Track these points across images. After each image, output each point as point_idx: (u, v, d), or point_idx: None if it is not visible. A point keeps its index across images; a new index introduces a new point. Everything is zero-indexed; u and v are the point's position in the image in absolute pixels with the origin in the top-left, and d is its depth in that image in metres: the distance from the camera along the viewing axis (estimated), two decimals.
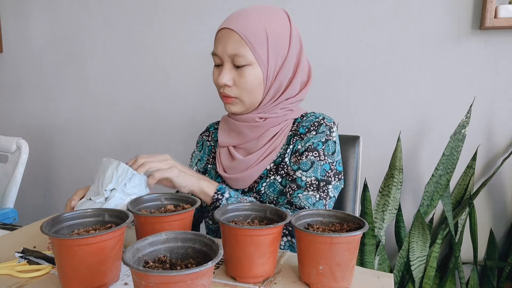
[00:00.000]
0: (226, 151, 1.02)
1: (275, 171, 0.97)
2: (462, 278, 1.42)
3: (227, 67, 0.91)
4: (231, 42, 0.89)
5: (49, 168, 2.10)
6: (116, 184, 0.79)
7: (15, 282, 0.65)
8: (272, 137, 0.97)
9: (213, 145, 1.10)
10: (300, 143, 0.96)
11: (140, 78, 1.87)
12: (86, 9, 1.91)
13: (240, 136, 0.98)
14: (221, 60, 0.92)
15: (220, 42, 0.91)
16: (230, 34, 0.89)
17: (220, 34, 0.92)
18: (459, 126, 1.36)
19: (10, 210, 0.94)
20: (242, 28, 0.89)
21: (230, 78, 0.91)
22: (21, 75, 2.09)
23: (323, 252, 0.62)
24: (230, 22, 0.91)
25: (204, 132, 1.15)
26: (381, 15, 1.51)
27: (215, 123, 1.15)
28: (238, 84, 0.91)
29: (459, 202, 1.47)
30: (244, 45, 0.88)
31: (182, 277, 0.47)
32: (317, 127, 0.95)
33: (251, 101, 0.94)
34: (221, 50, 0.90)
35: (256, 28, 0.89)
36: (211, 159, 1.09)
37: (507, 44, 1.41)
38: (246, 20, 0.90)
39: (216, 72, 0.94)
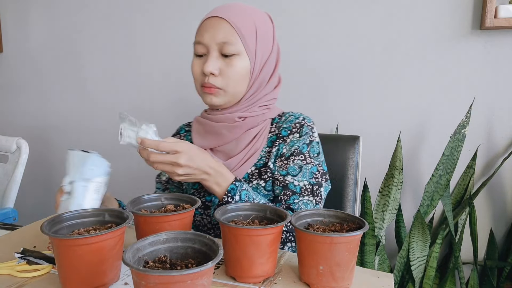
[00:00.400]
0: None
1: (258, 175, 0.94)
2: (462, 278, 1.42)
3: (214, 55, 0.88)
4: (221, 30, 0.87)
5: (49, 168, 2.10)
6: (73, 175, 0.79)
7: (15, 282, 0.65)
8: (252, 139, 0.95)
9: None
10: (285, 146, 0.94)
11: (139, 78, 1.87)
12: (86, 9, 1.91)
13: (218, 137, 0.95)
14: (207, 49, 0.88)
15: (207, 30, 0.88)
16: (220, 22, 0.87)
17: (208, 23, 0.89)
18: (459, 126, 1.36)
19: (10, 210, 0.94)
20: (233, 17, 0.88)
21: (217, 67, 0.88)
22: (20, 75, 2.09)
23: (323, 252, 0.62)
24: (219, 11, 0.89)
25: (175, 135, 1.11)
26: (381, 15, 1.51)
27: (186, 125, 1.11)
28: (224, 74, 0.88)
29: (459, 202, 1.47)
30: (235, 34, 0.87)
31: (182, 277, 0.47)
32: (299, 129, 0.95)
33: (235, 93, 0.91)
34: (208, 38, 0.87)
35: (245, 19, 0.89)
36: None
37: (507, 44, 1.41)
38: (235, 11, 0.89)
39: (198, 62, 0.91)
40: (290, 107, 1.68)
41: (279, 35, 0.94)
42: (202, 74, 0.90)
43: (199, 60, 0.91)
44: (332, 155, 1.14)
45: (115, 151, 1.97)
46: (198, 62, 0.91)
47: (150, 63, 1.84)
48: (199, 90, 0.94)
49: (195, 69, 0.92)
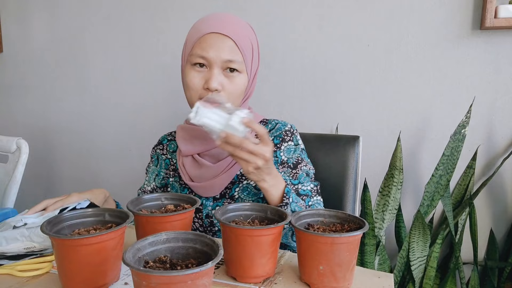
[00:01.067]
0: (190, 160, 0.99)
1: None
2: (463, 278, 1.42)
3: (217, 71, 0.89)
4: (227, 47, 0.88)
5: (49, 168, 2.10)
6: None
7: (15, 281, 0.65)
8: None
9: (170, 157, 1.07)
10: (283, 154, 0.97)
11: (140, 78, 1.87)
12: (87, 9, 1.91)
13: (205, 142, 0.96)
14: (209, 64, 0.89)
15: (212, 46, 0.89)
16: (225, 40, 0.89)
17: (212, 38, 0.89)
18: (459, 126, 1.36)
19: (10, 210, 0.93)
20: (235, 35, 0.89)
21: (220, 82, 0.90)
22: (21, 75, 2.09)
23: (323, 252, 0.62)
24: (221, 27, 0.89)
25: (157, 145, 1.12)
26: (382, 15, 1.51)
27: (168, 135, 1.12)
28: (226, 89, 0.90)
29: (459, 202, 1.47)
30: (239, 53, 0.90)
31: (183, 277, 0.47)
32: (291, 137, 1.00)
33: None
34: (214, 55, 0.88)
35: (245, 37, 0.92)
36: (171, 172, 1.05)
37: (507, 44, 1.41)
38: (235, 27, 0.91)
39: (198, 75, 0.91)
40: (290, 107, 1.68)
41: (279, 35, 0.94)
42: (203, 88, 0.90)
43: (198, 73, 0.91)
44: (332, 155, 1.14)
45: (115, 151, 1.97)
46: (198, 75, 0.91)
47: (152, 63, 1.84)
48: (195, 101, 0.91)
49: (195, 81, 0.91)
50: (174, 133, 1.11)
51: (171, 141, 1.10)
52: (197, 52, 0.90)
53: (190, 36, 0.96)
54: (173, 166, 1.06)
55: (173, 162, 1.06)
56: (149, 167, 1.12)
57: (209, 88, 0.89)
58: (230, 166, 0.95)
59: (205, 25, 0.92)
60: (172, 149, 1.08)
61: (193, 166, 0.98)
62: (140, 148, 1.91)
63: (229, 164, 0.95)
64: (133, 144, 1.92)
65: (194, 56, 0.91)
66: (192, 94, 0.93)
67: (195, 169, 0.97)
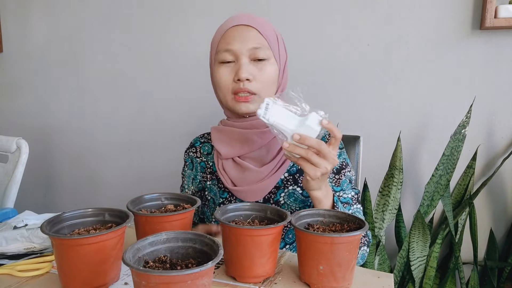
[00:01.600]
0: (231, 163, 0.94)
1: (293, 181, 0.93)
2: (462, 278, 1.42)
3: (246, 61, 0.87)
4: (251, 36, 0.87)
5: (49, 168, 2.10)
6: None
7: (15, 281, 0.65)
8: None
9: (205, 160, 1.03)
10: None
11: (140, 77, 1.87)
12: (86, 9, 1.91)
13: (247, 144, 0.92)
14: (236, 56, 0.88)
15: (236, 38, 0.88)
16: (249, 30, 0.88)
17: (235, 31, 0.89)
18: (459, 126, 1.36)
19: (10, 210, 0.93)
20: (260, 25, 0.89)
21: (251, 72, 0.87)
22: (21, 75, 2.09)
23: (323, 252, 0.62)
24: (245, 20, 0.89)
25: (190, 148, 1.07)
26: (381, 15, 1.51)
27: (200, 137, 1.08)
28: (258, 78, 0.88)
29: (459, 202, 1.47)
30: (264, 40, 0.88)
31: (183, 277, 0.47)
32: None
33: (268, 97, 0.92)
34: (238, 45, 0.87)
35: (269, 28, 0.91)
36: (209, 176, 1.01)
37: (507, 44, 1.41)
38: (259, 20, 0.90)
39: (227, 70, 0.89)
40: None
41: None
42: (234, 81, 0.89)
43: (227, 68, 0.90)
44: None
45: (115, 151, 1.97)
46: (226, 70, 0.90)
47: (151, 63, 1.84)
48: (230, 99, 0.91)
49: (225, 77, 0.90)
50: (207, 135, 1.08)
51: (204, 143, 1.06)
52: (222, 47, 0.89)
53: (214, 37, 0.95)
54: (210, 169, 1.01)
55: (209, 165, 1.02)
56: (184, 172, 1.07)
57: (240, 79, 0.87)
58: (275, 169, 0.91)
59: (227, 22, 0.92)
60: (207, 151, 1.04)
61: (235, 169, 0.94)
62: (140, 148, 1.91)
63: (274, 168, 0.91)
64: (133, 144, 1.92)
65: (220, 53, 0.89)
66: (224, 91, 0.91)
67: (237, 173, 0.93)
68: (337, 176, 0.93)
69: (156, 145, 1.87)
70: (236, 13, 0.95)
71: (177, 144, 1.83)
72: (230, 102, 0.91)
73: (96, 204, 1.97)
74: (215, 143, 0.96)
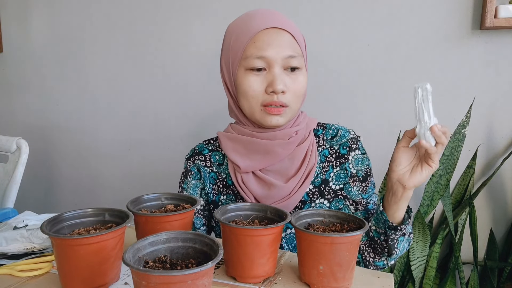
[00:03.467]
0: (252, 178, 0.86)
1: (319, 194, 0.88)
2: (462, 278, 1.42)
3: (279, 71, 0.80)
4: (287, 43, 0.81)
5: (50, 168, 2.10)
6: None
7: (15, 281, 0.65)
8: (305, 155, 0.87)
9: (216, 171, 0.93)
10: (352, 166, 0.90)
11: (140, 77, 1.87)
12: (87, 8, 1.91)
13: (270, 156, 0.84)
14: (269, 64, 0.80)
15: (270, 44, 0.79)
16: (283, 35, 0.81)
17: (268, 35, 0.80)
18: (459, 126, 1.36)
19: (10, 210, 0.93)
20: (293, 29, 0.82)
21: (285, 84, 0.80)
22: (21, 75, 2.09)
23: (323, 252, 0.62)
24: (276, 21, 0.81)
25: (195, 155, 0.95)
26: (382, 15, 1.51)
27: (206, 143, 0.97)
28: (291, 90, 0.81)
29: (459, 202, 1.47)
30: (298, 47, 0.82)
31: (183, 277, 0.47)
32: (357, 145, 0.92)
33: (297, 109, 0.85)
34: (273, 53, 0.79)
35: (299, 30, 0.85)
36: (222, 189, 0.92)
37: (507, 44, 1.41)
38: (290, 21, 0.84)
39: (258, 79, 0.81)
40: None
41: None
42: (267, 93, 0.81)
43: (257, 77, 0.81)
44: None
45: (115, 151, 1.97)
46: (258, 79, 0.81)
47: (152, 63, 1.84)
48: (258, 110, 0.82)
49: (256, 86, 0.81)
50: (214, 142, 0.97)
51: (213, 152, 0.95)
52: (253, 53, 0.80)
53: (239, 38, 0.83)
54: (223, 182, 0.92)
55: (221, 177, 0.93)
56: (185, 183, 0.95)
57: (275, 91, 0.79)
58: (301, 182, 0.85)
59: (255, 22, 0.81)
60: (218, 161, 0.94)
61: (258, 185, 0.86)
62: (140, 147, 1.91)
63: (299, 181, 0.85)
64: (133, 143, 1.92)
65: (250, 59, 0.80)
66: (252, 102, 0.82)
67: (262, 190, 0.85)
68: (363, 184, 0.90)
69: (156, 145, 1.87)
70: (256, 9, 0.87)
71: (177, 144, 1.83)
72: (258, 113, 0.83)
73: (96, 204, 1.97)
74: (229, 154, 0.87)
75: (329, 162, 0.91)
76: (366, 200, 0.90)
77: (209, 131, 1.77)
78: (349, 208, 0.91)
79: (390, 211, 0.81)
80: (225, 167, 0.93)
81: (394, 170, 0.78)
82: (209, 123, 1.77)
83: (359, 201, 0.90)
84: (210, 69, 1.73)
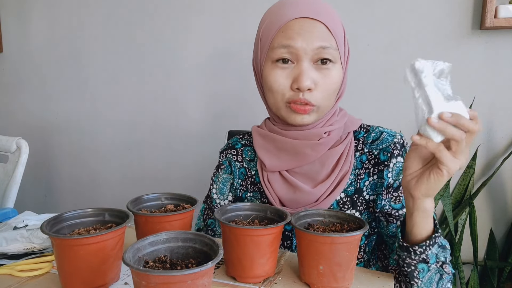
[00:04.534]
0: (279, 179, 0.81)
1: (351, 204, 0.80)
2: (462, 278, 1.42)
3: (308, 65, 0.73)
4: (319, 33, 0.72)
5: (49, 168, 2.10)
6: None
7: (15, 281, 0.65)
8: (338, 160, 0.80)
9: (247, 167, 0.90)
10: (391, 175, 0.79)
11: (140, 77, 1.87)
12: (86, 9, 1.91)
13: (298, 157, 0.79)
14: (296, 56, 0.73)
15: (300, 33, 0.72)
16: (316, 25, 0.72)
17: (299, 24, 0.72)
18: None
19: (10, 210, 0.93)
20: (329, 19, 0.73)
21: (313, 80, 0.73)
22: (21, 75, 2.09)
23: (323, 252, 0.62)
24: (312, 11, 0.73)
25: (228, 149, 0.93)
26: (382, 15, 1.51)
27: (240, 138, 0.94)
28: (320, 87, 0.74)
29: (459, 202, 1.47)
30: (332, 39, 0.73)
31: (183, 277, 0.47)
32: (401, 151, 0.81)
33: (326, 108, 0.77)
34: (303, 42, 0.71)
35: (337, 21, 0.76)
36: (249, 186, 0.89)
37: (507, 44, 1.41)
38: (328, 11, 0.75)
39: (282, 74, 0.74)
40: None
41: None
42: (292, 90, 0.74)
43: (283, 71, 0.74)
44: None
45: (115, 151, 1.97)
46: (283, 73, 0.74)
47: (152, 63, 1.84)
48: (283, 107, 0.77)
49: (280, 81, 0.74)
50: (248, 137, 0.93)
51: (246, 147, 0.91)
52: (280, 42, 0.73)
53: (265, 29, 0.77)
54: (251, 178, 0.89)
55: (251, 174, 0.89)
56: (217, 176, 0.93)
57: (300, 88, 0.72)
58: (330, 189, 0.78)
59: (287, 10, 0.74)
60: (249, 157, 0.90)
61: (284, 187, 0.81)
62: (140, 147, 1.91)
63: (329, 187, 0.78)
64: (133, 143, 1.92)
65: (276, 49, 0.74)
66: (277, 97, 0.76)
67: (287, 192, 0.80)
68: (395, 193, 0.78)
69: (156, 145, 1.87)
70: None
71: (177, 144, 1.83)
72: (284, 110, 0.77)
73: (96, 204, 1.97)
74: (258, 151, 0.83)
75: (366, 169, 0.81)
76: (399, 211, 0.77)
77: (209, 131, 1.77)
78: (380, 220, 0.80)
79: (407, 228, 0.67)
80: (255, 164, 0.89)
81: (404, 175, 0.65)
82: (209, 123, 1.78)
83: (388, 212, 0.78)
84: (210, 69, 1.73)
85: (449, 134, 0.56)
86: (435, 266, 0.66)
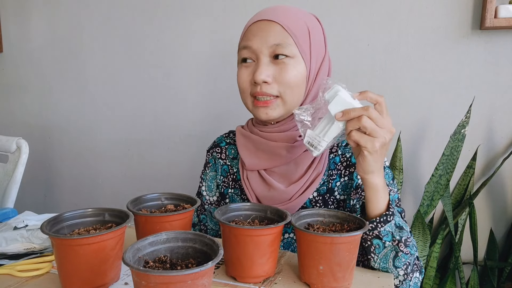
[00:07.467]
0: (257, 176, 0.86)
1: (322, 203, 0.85)
2: (462, 278, 1.42)
3: (264, 61, 0.78)
4: (273, 32, 0.78)
5: (49, 168, 2.10)
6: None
7: (15, 281, 0.65)
8: (313, 160, 0.84)
9: (229, 164, 0.95)
10: (358, 176, 0.81)
11: (140, 77, 1.87)
12: (86, 9, 1.91)
13: (274, 158, 0.84)
14: (256, 55, 0.79)
15: (256, 34, 0.79)
16: (271, 25, 0.79)
17: (256, 26, 0.80)
18: (459, 126, 1.36)
19: (10, 210, 0.93)
20: (285, 19, 0.79)
21: (269, 73, 0.78)
22: (21, 75, 2.09)
23: (323, 252, 0.62)
24: (269, 14, 0.80)
25: (213, 147, 0.98)
26: (381, 15, 1.51)
27: (225, 136, 0.99)
28: (279, 80, 0.78)
29: (459, 202, 1.47)
30: (288, 36, 0.78)
31: (183, 277, 0.47)
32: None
33: (293, 102, 0.80)
34: (258, 42, 0.78)
35: (298, 21, 0.81)
36: (231, 183, 0.93)
37: (507, 44, 1.41)
38: (286, 13, 0.81)
39: (246, 71, 0.81)
40: None
41: None
42: (252, 84, 0.80)
43: (246, 69, 0.81)
44: None
45: (115, 151, 1.97)
46: (245, 71, 0.81)
47: (152, 63, 1.84)
48: (250, 104, 0.82)
49: (243, 78, 0.81)
50: (232, 136, 0.98)
51: (230, 145, 0.96)
52: (242, 44, 0.82)
53: (240, 35, 0.86)
54: (233, 175, 0.94)
55: (233, 171, 0.94)
56: (205, 174, 0.98)
57: (256, 81, 0.78)
58: (303, 189, 0.83)
59: (252, 18, 0.84)
60: (232, 155, 0.95)
61: (261, 185, 0.85)
62: (140, 147, 1.91)
63: (301, 187, 0.83)
64: (133, 143, 1.92)
65: (240, 51, 0.82)
66: (244, 95, 0.82)
67: (263, 190, 0.85)
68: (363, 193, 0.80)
69: (156, 145, 1.87)
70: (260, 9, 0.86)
71: (176, 144, 1.83)
72: (251, 107, 0.83)
73: (96, 204, 1.97)
74: (240, 150, 0.88)
75: (338, 170, 0.86)
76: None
77: (208, 131, 1.77)
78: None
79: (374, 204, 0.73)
80: (237, 162, 0.93)
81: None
82: (209, 123, 1.78)
83: (358, 211, 0.83)
84: (209, 69, 1.73)
85: (351, 115, 0.65)
86: (391, 244, 0.71)
